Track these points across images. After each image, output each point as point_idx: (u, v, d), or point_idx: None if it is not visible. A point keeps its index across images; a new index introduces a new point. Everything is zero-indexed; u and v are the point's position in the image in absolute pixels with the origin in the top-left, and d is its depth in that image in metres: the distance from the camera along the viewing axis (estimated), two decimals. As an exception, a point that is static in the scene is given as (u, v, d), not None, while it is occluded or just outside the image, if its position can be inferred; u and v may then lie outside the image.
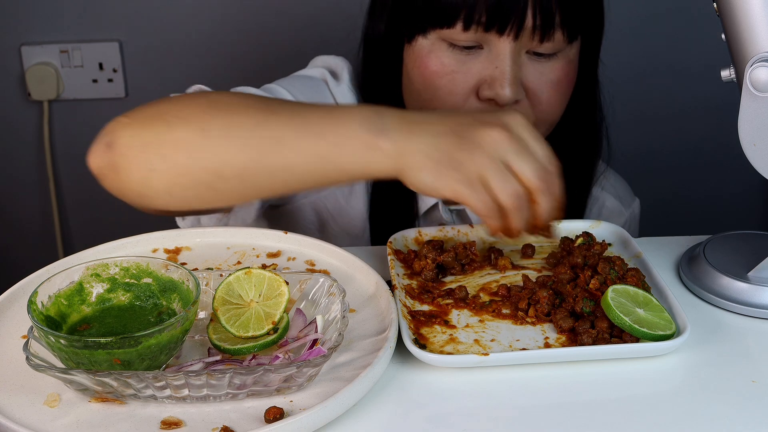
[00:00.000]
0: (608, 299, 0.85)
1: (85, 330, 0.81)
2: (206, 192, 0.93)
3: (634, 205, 1.37)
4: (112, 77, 1.94)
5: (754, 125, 0.88)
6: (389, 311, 0.86)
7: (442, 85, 1.11)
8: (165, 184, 0.92)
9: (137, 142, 0.93)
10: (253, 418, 0.75)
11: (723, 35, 0.90)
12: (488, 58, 1.09)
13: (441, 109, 1.01)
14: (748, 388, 0.81)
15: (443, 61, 1.10)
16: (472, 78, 1.10)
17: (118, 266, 0.85)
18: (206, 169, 0.91)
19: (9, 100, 1.95)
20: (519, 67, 1.09)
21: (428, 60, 1.11)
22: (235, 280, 0.84)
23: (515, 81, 1.09)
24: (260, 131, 0.90)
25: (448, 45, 1.10)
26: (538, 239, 1.02)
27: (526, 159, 0.87)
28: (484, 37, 1.08)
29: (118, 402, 0.77)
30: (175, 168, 0.92)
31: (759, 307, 0.92)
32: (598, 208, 1.31)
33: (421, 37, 1.11)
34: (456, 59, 1.10)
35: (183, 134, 0.91)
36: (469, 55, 1.10)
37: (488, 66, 1.09)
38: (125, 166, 0.93)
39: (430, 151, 0.87)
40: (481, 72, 1.10)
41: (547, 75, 1.12)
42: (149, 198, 0.94)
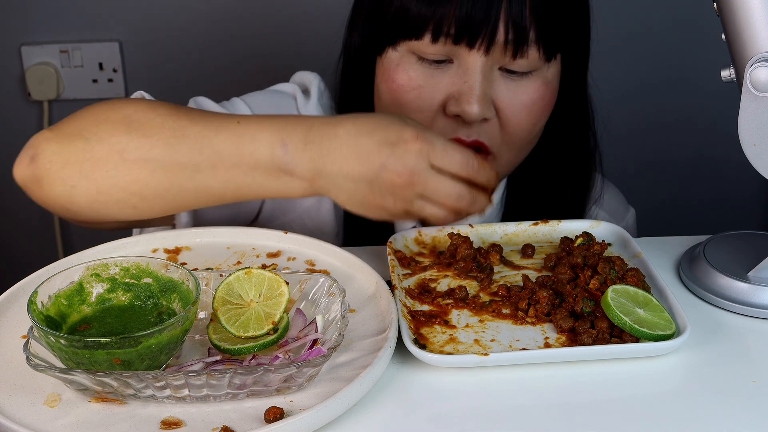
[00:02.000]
0: (608, 299, 0.85)
1: (85, 330, 0.81)
2: (127, 209, 0.96)
3: (628, 216, 1.34)
4: (112, 77, 1.94)
5: (754, 125, 0.88)
6: (389, 311, 0.86)
7: (409, 100, 1.07)
8: (86, 200, 0.96)
9: (58, 158, 0.96)
10: (253, 418, 0.75)
11: (723, 35, 0.90)
12: (457, 73, 1.05)
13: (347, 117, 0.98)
14: (748, 388, 0.81)
15: (410, 75, 1.07)
16: (439, 93, 1.06)
17: (118, 266, 0.85)
18: (124, 189, 0.95)
19: (9, 100, 1.96)
20: (489, 84, 1.05)
21: (396, 73, 1.07)
22: (235, 280, 0.84)
23: (484, 98, 1.04)
24: (173, 155, 0.93)
25: (417, 58, 1.06)
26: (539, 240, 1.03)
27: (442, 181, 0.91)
28: (454, 51, 1.04)
29: (118, 402, 0.77)
30: (95, 186, 0.95)
31: (759, 307, 0.92)
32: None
33: (391, 50, 1.08)
34: (424, 73, 1.06)
35: (100, 154, 0.94)
36: (438, 69, 1.06)
37: (457, 81, 1.05)
38: (48, 181, 0.97)
39: (350, 194, 0.92)
40: (449, 87, 1.06)
41: (520, 95, 1.07)
42: (73, 212, 0.99)
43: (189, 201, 0.96)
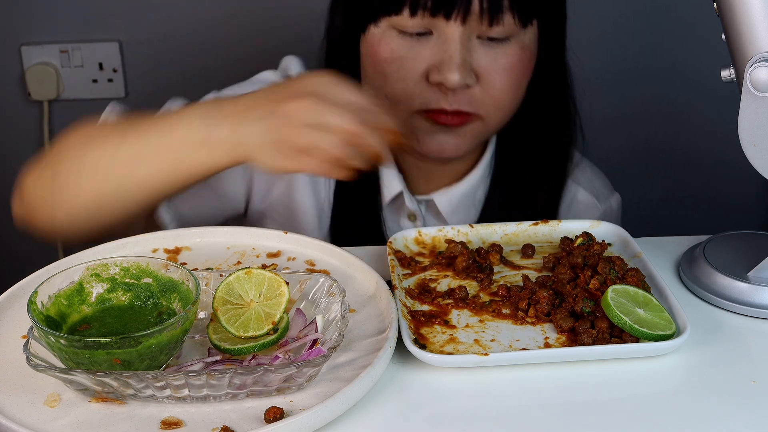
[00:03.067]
0: (608, 299, 0.85)
1: (85, 330, 0.81)
2: (100, 219, 1.05)
3: (612, 200, 1.36)
4: (112, 77, 1.94)
5: (754, 125, 0.88)
6: (389, 311, 0.86)
7: (392, 71, 1.13)
8: (66, 220, 1.06)
9: (38, 186, 1.07)
10: (253, 418, 0.75)
11: (723, 35, 0.90)
12: (437, 44, 1.11)
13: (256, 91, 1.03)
14: (748, 388, 0.81)
15: (392, 48, 1.12)
16: (421, 63, 1.12)
17: (118, 266, 0.85)
18: (90, 200, 1.03)
19: (9, 100, 1.95)
20: (469, 52, 1.10)
21: (378, 47, 1.14)
22: (235, 280, 0.84)
23: (464, 65, 1.10)
24: (119, 157, 1.02)
25: (398, 32, 1.12)
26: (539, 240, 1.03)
27: (337, 113, 0.93)
28: (432, 23, 1.10)
29: (118, 402, 0.77)
30: (67, 205, 1.05)
31: (759, 307, 0.91)
32: (570, 200, 1.31)
33: (373, 27, 1.14)
34: (405, 45, 1.12)
35: (65, 174, 1.05)
36: (419, 42, 1.11)
37: (437, 51, 1.11)
38: (34, 213, 1.09)
39: (261, 135, 0.95)
40: (430, 57, 1.11)
41: (499, 60, 1.12)
42: (61, 232, 1.09)
43: (141, 197, 1.03)
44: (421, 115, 1.15)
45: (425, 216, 1.28)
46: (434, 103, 1.13)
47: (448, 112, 1.13)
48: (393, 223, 1.28)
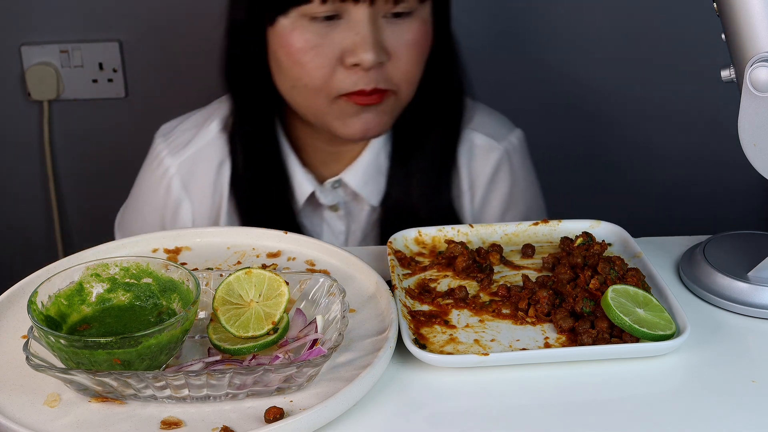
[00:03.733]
0: (608, 299, 0.85)
1: (85, 330, 0.81)
2: None
3: (512, 136, 1.38)
4: (112, 77, 1.94)
5: (754, 125, 0.88)
6: (389, 311, 0.86)
7: (308, 60, 1.16)
8: None
9: None
10: (253, 418, 0.75)
11: (723, 35, 0.90)
12: (348, 27, 1.15)
13: None
14: (748, 388, 0.81)
15: (306, 37, 1.16)
16: (335, 48, 1.15)
17: (118, 266, 0.85)
18: None
19: (9, 100, 1.95)
20: (378, 31, 1.15)
21: (291, 38, 1.16)
22: (235, 280, 0.84)
23: (377, 44, 1.15)
24: None
25: (309, 20, 1.15)
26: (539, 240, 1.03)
27: None
28: (342, 7, 1.14)
29: (118, 402, 0.77)
30: None
31: (759, 307, 0.91)
32: (468, 148, 1.34)
33: (282, 18, 1.16)
34: (317, 33, 1.15)
35: None
36: (330, 27, 1.15)
37: (349, 34, 1.15)
38: None
39: None
40: (342, 41, 1.15)
41: (405, 36, 1.18)
42: None
43: None
44: (342, 99, 1.18)
45: (340, 195, 1.31)
46: (353, 85, 1.16)
47: (367, 92, 1.17)
48: (316, 218, 1.31)
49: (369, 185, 1.30)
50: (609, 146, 1.97)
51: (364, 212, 1.32)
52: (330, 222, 1.32)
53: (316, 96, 1.19)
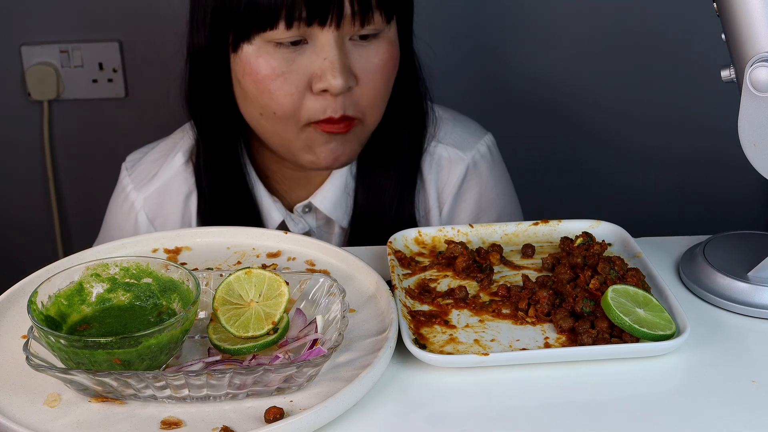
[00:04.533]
0: (608, 299, 0.85)
1: (85, 330, 0.81)
2: None
3: (479, 144, 1.35)
4: (112, 77, 1.94)
5: (754, 125, 0.88)
6: (389, 311, 0.86)
7: (276, 87, 1.13)
8: None
9: None
10: (253, 418, 0.75)
11: (723, 35, 0.90)
12: (314, 51, 1.12)
13: None
14: (748, 388, 0.81)
15: (272, 65, 1.12)
16: (303, 75, 1.12)
17: (118, 266, 0.85)
18: None
19: (9, 100, 1.95)
20: (345, 55, 1.12)
21: (257, 66, 1.13)
22: (235, 280, 0.84)
23: (345, 69, 1.12)
24: None
25: (274, 46, 1.12)
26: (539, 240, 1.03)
27: None
28: (308, 32, 1.11)
29: (118, 402, 0.77)
30: None
31: (759, 307, 0.91)
32: (436, 162, 1.31)
33: (246, 44, 1.13)
34: (284, 59, 1.12)
35: None
36: (296, 52, 1.12)
37: (316, 59, 1.12)
38: None
39: None
40: (310, 67, 1.12)
41: (373, 59, 1.15)
42: None
43: None
44: (310, 127, 1.15)
45: (310, 221, 1.29)
46: (322, 112, 1.13)
47: (336, 120, 1.14)
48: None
49: (339, 208, 1.28)
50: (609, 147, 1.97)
51: (335, 235, 1.30)
52: None
53: (284, 124, 1.16)
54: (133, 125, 1.92)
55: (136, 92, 1.95)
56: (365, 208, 1.28)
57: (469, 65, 1.91)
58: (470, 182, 1.33)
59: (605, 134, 1.96)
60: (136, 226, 1.31)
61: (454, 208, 1.33)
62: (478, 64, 1.91)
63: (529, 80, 1.92)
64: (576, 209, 1.83)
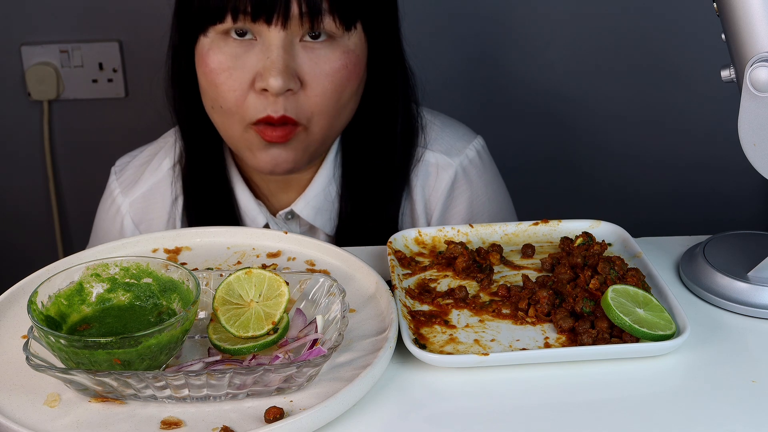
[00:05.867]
0: (608, 299, 0.85)
1: (85, 330, 0.81)
2: None
3: (468, 149, 1.33)
4: (112, 77, 1.94)
5: (754, 125, 0.88)
6: (389, 311, 0.86)
7: (222, 81, 1.14)
8: None
9: None
10: (253, 418, 0.75)
11: (723, 35, 0.90)
12: (261, 50, 1.12)
13: None
14: (748, 388, 0.81)
15: (220, 58, 1.13)
16: (248, 72, 1.12)
17: (118, 266, 0.85)
18: None
19: (9, 100, 1.95)
20: (291, 57, 1.11)
21: (208, 58, 1.14)
22: (235, 280, 0.84)
23: (286, 70, 1.10)
24: None
25: (224, 40, 1.13)
26: (539, 240, 1.03)
27: None
28: (255, 28, 1.11)
29: (118, 402, 0.77)
30: None
31: (759, 307, 0.91)
32: (425, 169, 1.30)
33: (203, 37, 1.15)
34: (232, 55, 1.13)
35: None
36: (245, 49, 1.12)
37: (261, 57, 1.12)
38: None
39: None
40: (255, 65, 1.12)
41: (322, 65, 1.13)
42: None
43: None
44: (252, 129, 1.15)
45: (294, 228, 1.28)
46: (261, 110, 1.13)
47: (275, 120, 1.12)
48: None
49: (321, 215, 1.26)
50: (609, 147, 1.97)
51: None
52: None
53: (231, 120, 1.15)
54: (133, 125, 1.92)
55: (136, 92, 1.95)
56: (350, 216, 1.26)
57: (466, 66, 1.91)
58: (460, 188, 1.31)
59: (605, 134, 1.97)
60: (122, 231, 1.31)
61: (445, 215, 1.31)
62: (474, 65, 1.91)
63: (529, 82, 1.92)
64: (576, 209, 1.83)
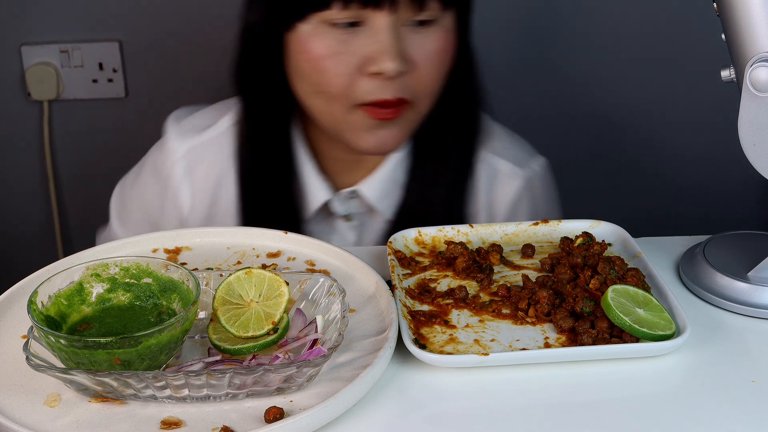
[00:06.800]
0: (608, 299, 0.85)
1: (85, 330, 0.81)
2: None
3: (534, 164, 1.35)
4: (112, 77, 1.94)
5: (754, 125, 0.88)
6: (389, 311, 0.86)
7: (329, 67, 1.13)
8: None
9: None
10: (253, 418, 0.75)
11: (723, 35, 0.90)
12: (369, 35, 1.12)
13: None
14: (748, 388, 0.81)
15: (327, 44, 1.13)
16: (356, 56, 1.12)
17: (118, 266, 0.85)
18: None
19: (9, 100, 1.95)
20: (401, 40, 1.12)
21: (311, 44, 1.13)
22: (235, 280, 0.84)
23: (399, 53, 1.11)
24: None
25: (329, 26, 1.12)
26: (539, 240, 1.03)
27: None
28: (363, 14, 1.11)
29: (118, 402, 0.77)
30: None
31: (759, 307, 0.91)
32: (491, 173, 1.31)
33: (301, 23, 1.14)
34: (338, 40, 1.12)
35: None
36: (351, 34, 1.12)
37: (370, 42, 1.12)
38: None
39: None
40: (363, 49, 1.12)
41: (427, 46, 1.14)
42: None
43: None
44: (360, 109, 1.16)
45: (354, 208, 1.28)
46: (374, 93, 1.14)
47: (390, 102, 1.14)
48: (326, 226, 1.29)
49: (385, 199, 1.27)
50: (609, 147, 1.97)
51: (378, 224, 1.29)
52: (341, 231, 1.30)
53: (335, 103, 1.16)
54: (133, 125, 1.92)
55: (136, 92, 1.95)
56: (414, 203, 1.27)
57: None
58: (523, 200, 1.32)
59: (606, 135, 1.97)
60: (171, 175, 1.29)
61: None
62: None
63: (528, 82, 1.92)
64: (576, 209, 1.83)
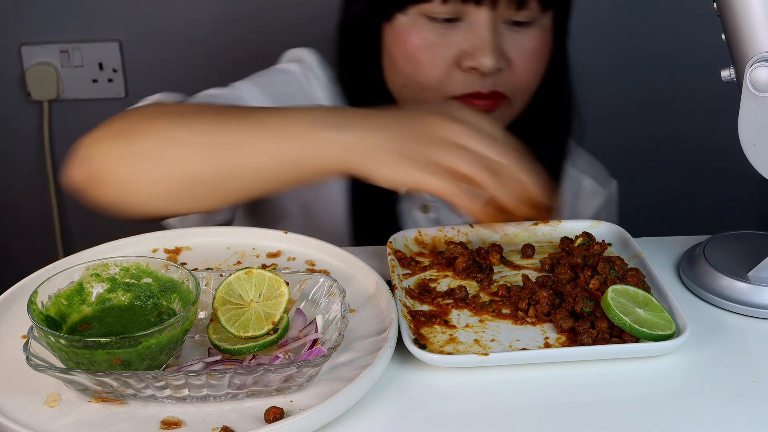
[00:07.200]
0: (608, 299, 0.85)
1: (85, 330, 0.81)
2: (185, 198, 0.98)
3: (612, 186, 1.38)
4: (112, 77, 1.94)
5: (754, 125, 0.88)
6: (389, 311, 0.86)
7: (425, 59, 1.14)
8: (145, 193, 0.99)
9: (113, 155, 0.99)
10: (253, 418, 0.75)
11: (723, 35, 0.90)
12: (468, 29, 1.12)
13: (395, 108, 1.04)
14: (748, 388, 0.81)
15: (424, 35, 1.13)
16: (453, 50, 1.13)
17: (118, 266, 0.85)
18: (178, 177, 0.97)
19: (9, 100, 1.96)
20: (498, 37, 1.13)
21: (409, 35, 1.14)
22: (235, 280, 0.84)
23: (497, 50, 1.12)
24: (219, 142, 0.95)
25: (428, 19, 1.13)
26: (539, 240, 1.02)
27: (485, 140, 0.90)
28: (462, 9, 1.12)
29: (118, 402, 0.77)
30: (151, 177, 0.98)
31: (759, 307, 0.92)
32: (576, 188, 1.33)
33: (400, 15, 1.14)
34: (436, 32, 1.13)
35: (152, 145, 0.98)
36: (448, 28, 1.13)
37: (468, 37, 1.12)
38: (106, 179, 0.99)
39: (382, 144, 0.90)
40: (461, 43, 1.13)
41: (525, 44, 1.15)
42: (132, 207, 1.00)
43: (238, 186, 0.97)
44: (455, 100, 1.15)
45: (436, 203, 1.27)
46: (469, 86, 1.14)
47: (484, 95, 1.14)
48: (402, 213, 1.28)
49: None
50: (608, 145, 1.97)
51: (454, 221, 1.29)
52: (417, 222, 1.28)
53: (427, 95, 1.16)
54: (133, 125, 1.92)
55: (136, 92, 1.95)
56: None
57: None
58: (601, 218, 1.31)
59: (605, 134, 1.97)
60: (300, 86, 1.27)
61: None
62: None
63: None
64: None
